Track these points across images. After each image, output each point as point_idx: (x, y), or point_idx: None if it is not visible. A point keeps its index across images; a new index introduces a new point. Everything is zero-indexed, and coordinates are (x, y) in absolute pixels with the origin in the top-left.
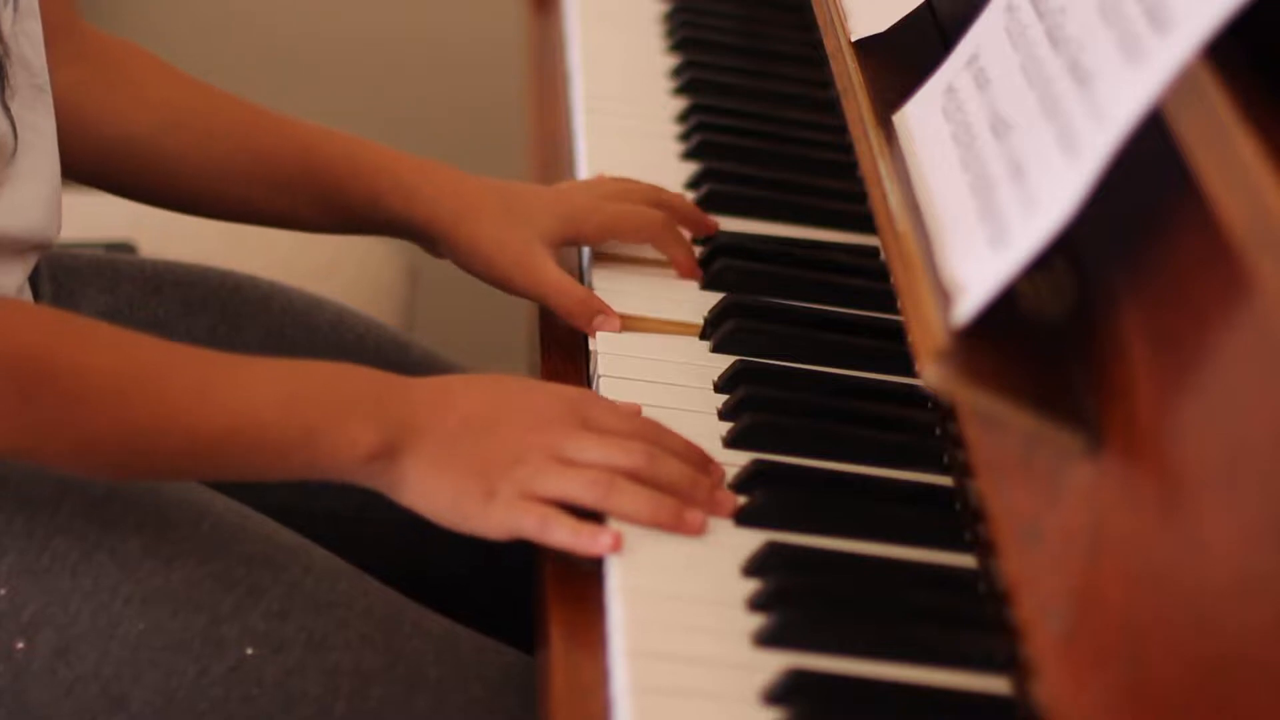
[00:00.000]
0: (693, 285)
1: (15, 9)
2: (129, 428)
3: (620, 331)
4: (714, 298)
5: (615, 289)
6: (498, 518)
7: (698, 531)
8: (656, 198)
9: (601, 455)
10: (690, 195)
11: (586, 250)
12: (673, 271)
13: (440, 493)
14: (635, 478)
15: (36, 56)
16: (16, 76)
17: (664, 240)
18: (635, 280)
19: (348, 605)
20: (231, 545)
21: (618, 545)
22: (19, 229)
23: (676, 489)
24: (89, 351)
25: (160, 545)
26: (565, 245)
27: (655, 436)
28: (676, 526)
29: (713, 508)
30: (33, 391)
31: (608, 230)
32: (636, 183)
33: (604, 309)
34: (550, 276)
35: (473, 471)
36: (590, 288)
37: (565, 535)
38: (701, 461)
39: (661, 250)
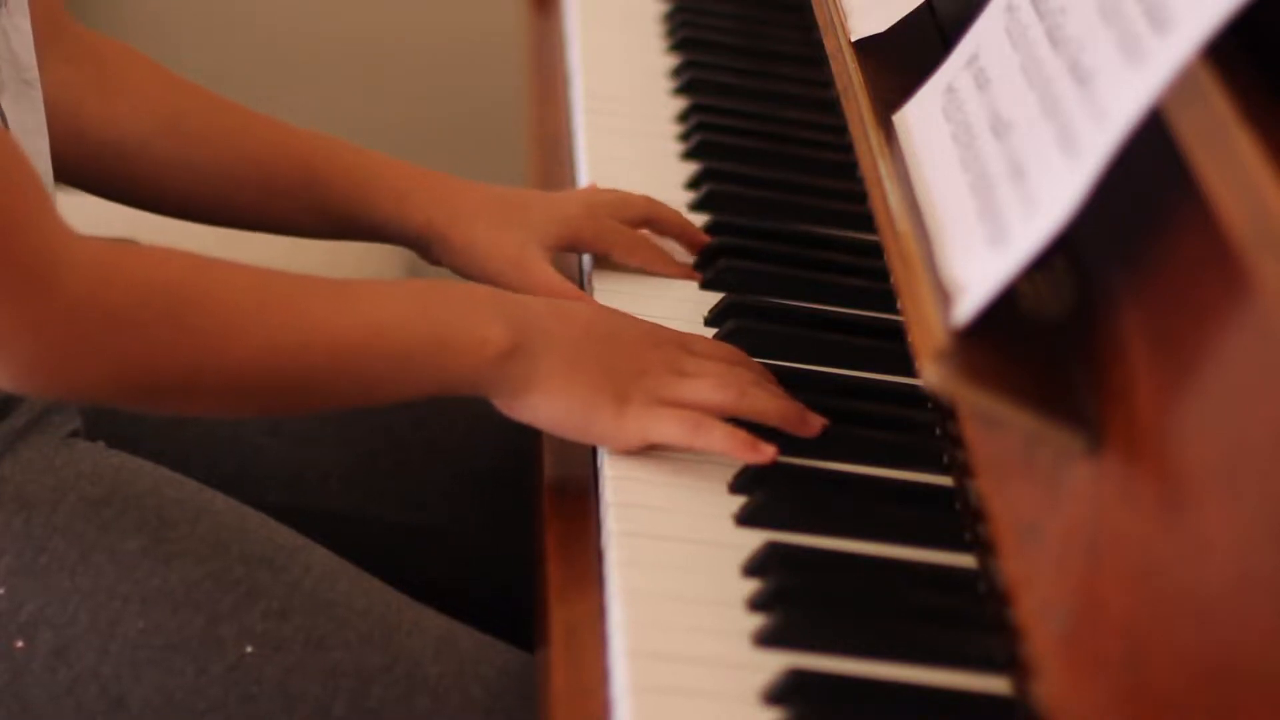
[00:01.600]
0: (692, 285)
1: (4, 3)
2: (276, 347)
3: None
4: (714, 298)
5: (615, 289)
6: (634, 422)
7: (816, 432)
8: (650, 213)
9: (717, 366)
10: (690, 195)
11: (587, 283)
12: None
13: (572, 395)
14: (743, 400)
15: (25, 52)
16: (4, 71)
17: (654, 265)
18: (635, 281)
19: (347, 604)
20: (230, 545)
21: (775, 455)
22: None
23: (786, 416)
24: (230, 278)
25: (159, 545)
26: (560, 250)
27: (752, 364)
28: (800, 427)
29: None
30: (186, 320)
31: (603, 244)
32: (632, 196)
33: None
34: (545, 278)
35: (604, 374)
36: (591, 290)
37: (721, 438)
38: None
39: (651, 272)
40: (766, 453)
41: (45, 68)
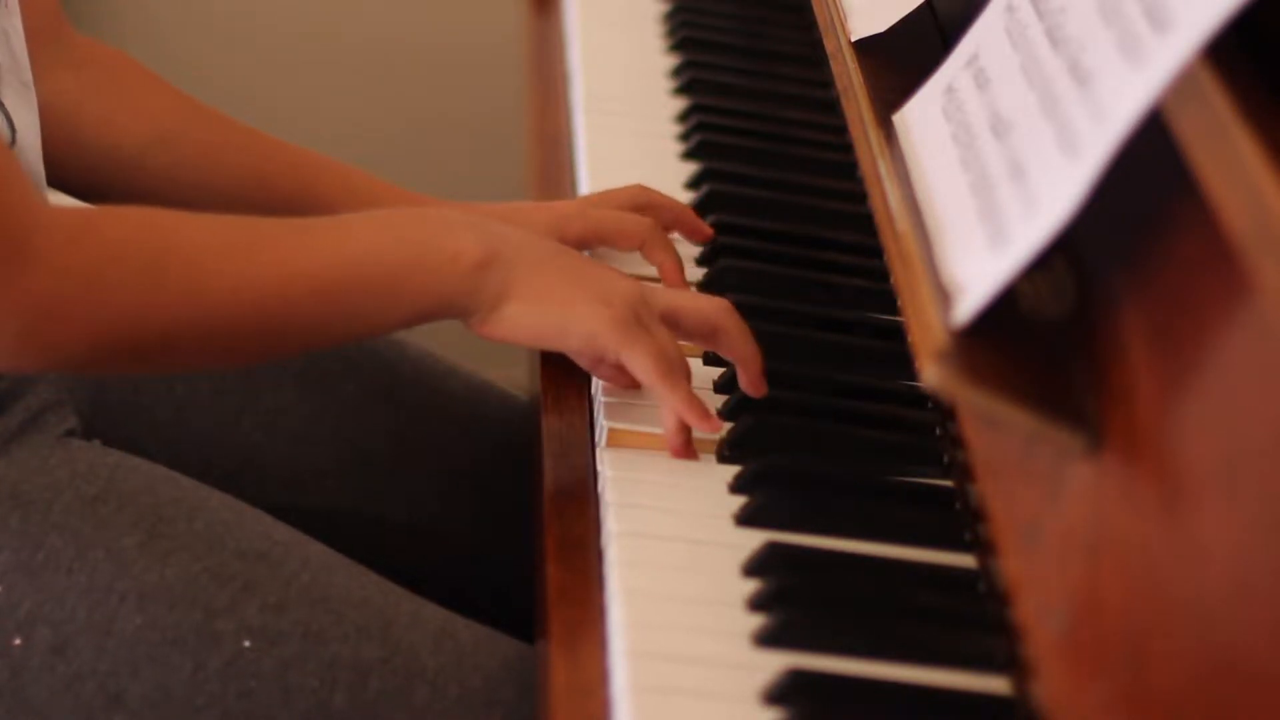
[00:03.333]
0: (692, 286)
1: (5, 4)
2: (254, 288)
3: None
4: None
5: None
6: (617, 325)
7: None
8: (644, 199)
9: (688, 299)
10: (690, 195)
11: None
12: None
13: (548, 297)
14: (717, 327)
15: (23, 53)
16: (5, 72)
17: (651, 246)
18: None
19: (344, 597)
20: (226, 540)
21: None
22: None
23: (746, 351)
24: (200, 227)
25: (155, 541)
26: None
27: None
28: (758, 376)
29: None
30: (160, 272)
31: (593, 233)
32: (620, 188)
33: None
34: None
35: (581, 281)
36: None
37: (682, 395)
38: None
39: (648, 258)
40: (714, 424)
41: (42, 73)
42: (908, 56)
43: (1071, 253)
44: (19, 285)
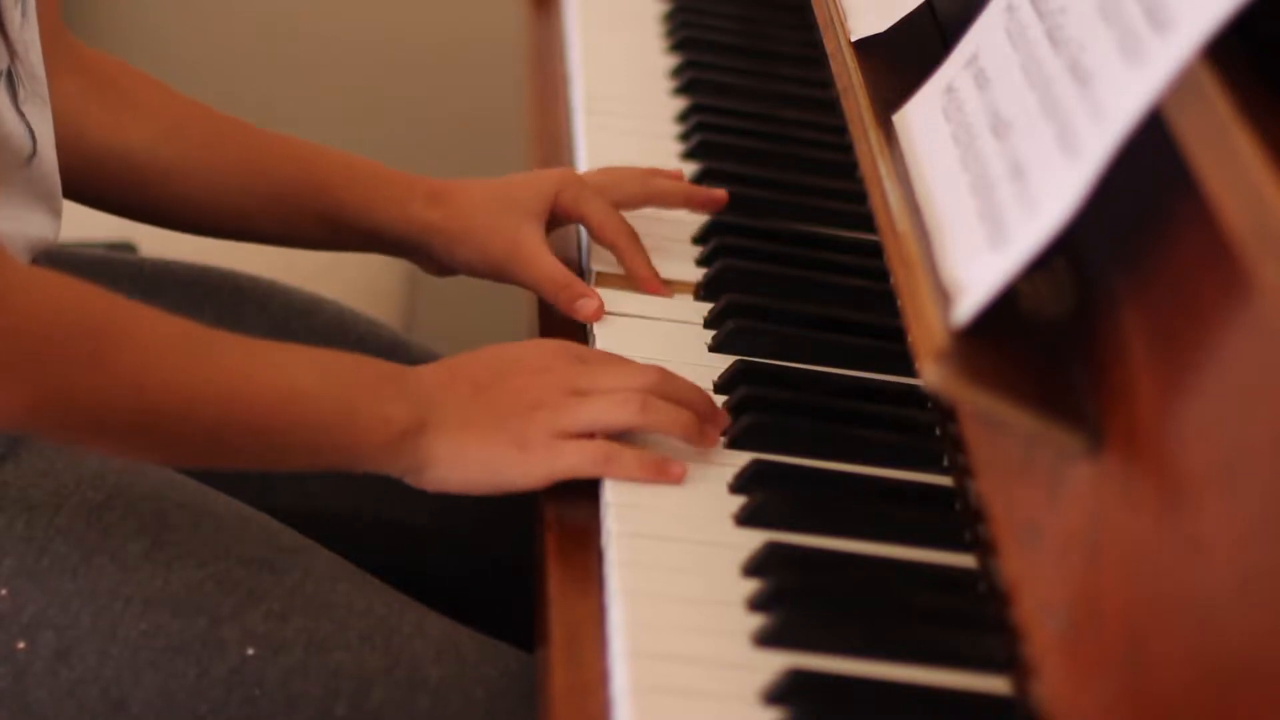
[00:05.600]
0: (691, 286)
1: (24, 14)
2: (191, 396)
3: (601, 318)
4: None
5: (613, 286)
6: (537, 462)
7: (714, 443)
8: (647, 188)
9: (616, 379)
10: None
11: (586, 259)
12: (667, 273)
13: (469, 459)
14: (657, 392)
15: (39, 65)
16: (26, 84)
17: (623, 250)
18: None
19: (348, 606)
20: (231, 547)
21: (682, 475)
22: (23, 231)
23: (692, 404)
24: (154, 324)
25: (160, 548)
26: (549, 216)
27: (647, 364)
28: (702, 440)
29: (717, 424)
30: (106, 357)
31: (577, 212)
32: (628, 176)
33: (586, 292)
34: (539, 263)
35: (496, 425)
36: (590, 280)
37: (631, 466)
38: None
39: (620, 261)
40: (674, 474)
41: (49, 79)
42: (908, 56)
43: (1071, 253)
44: None
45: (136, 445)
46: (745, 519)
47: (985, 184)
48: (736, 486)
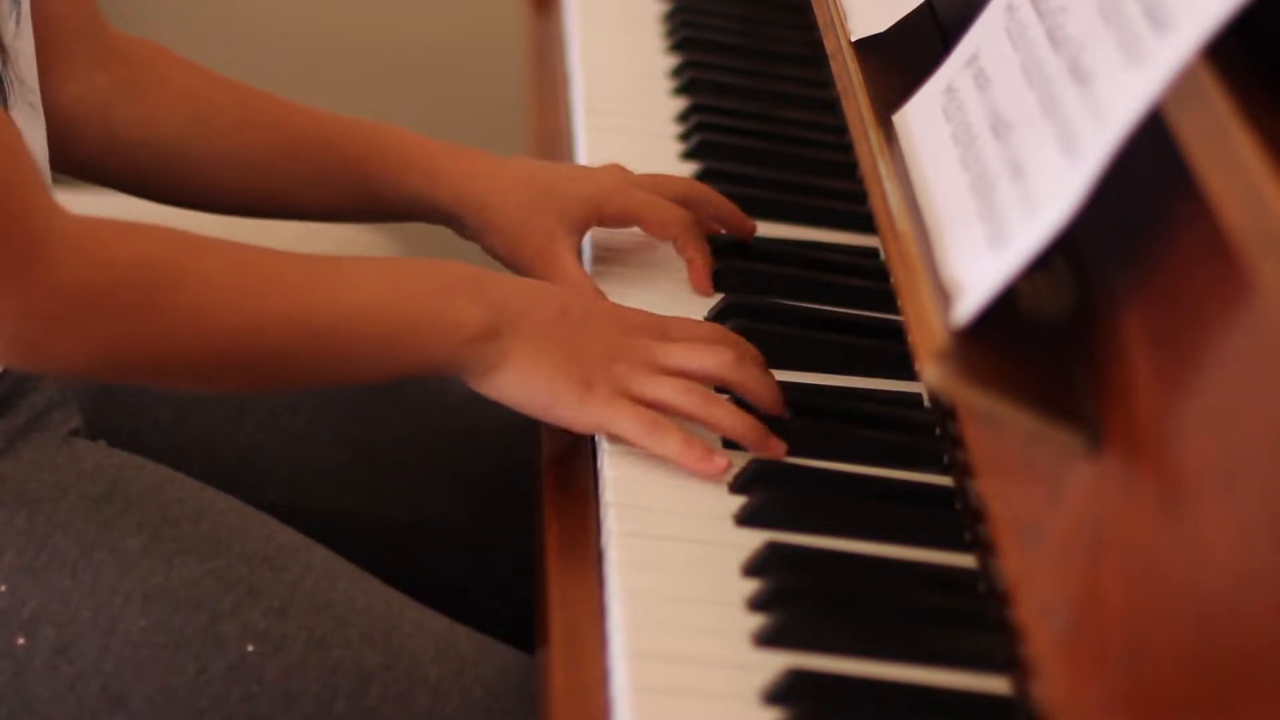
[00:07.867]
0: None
1: (18, 21)
2: (255, 327)
3: None
4: (714, 297)
5: (613, 287)
6: (594, 410)
7: (780, 454)
8: (691, 194)
9: (691, 359)
10: None
11: (587, 256)
12: (672, 278)
13: (538, 375)
14: (723, 382)
15: (30, 74)
16: (15, 91)
17: (685, 241)
18: (635, 280)
19: (347, 604)
20: (232, 544)
21: (726, 469)
22: None
23: (760, 396)
24: (211, 257)
25: (160, 543)
26: (588, 226)
27: (735, 342)
28: (760, 447)
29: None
30: (164, 302)
31: (630, 215)
32: (671, 176)
33: None
34: (565, 270)
35: (572, 358)
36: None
37: (675, 445)
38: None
39: (680, 252)
40: (717, 465)
41: (75, 73)
42: (908, 56)
43: (1071, 253)
44: (24, 293)
45: (202, 382)
46: (745, 519)
47: (985, 184)
48: (736, 486)
